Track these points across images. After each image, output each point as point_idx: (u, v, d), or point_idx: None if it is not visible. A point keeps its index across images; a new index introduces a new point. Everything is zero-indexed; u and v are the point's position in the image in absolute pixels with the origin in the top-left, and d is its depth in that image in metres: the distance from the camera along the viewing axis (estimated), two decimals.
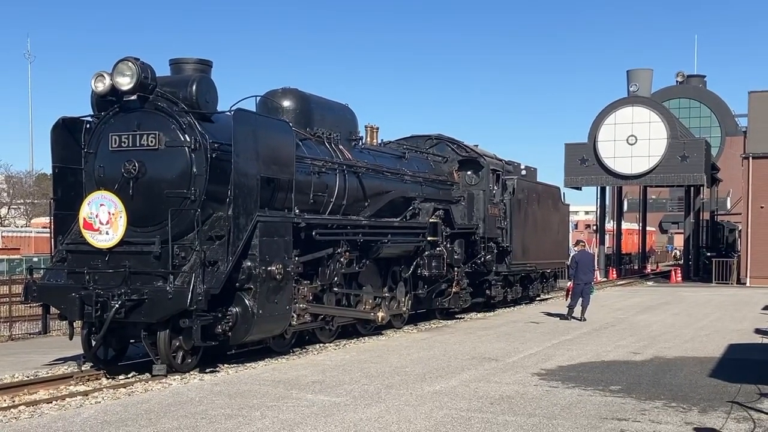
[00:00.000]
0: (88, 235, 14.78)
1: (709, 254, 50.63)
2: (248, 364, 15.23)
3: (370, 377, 13.49)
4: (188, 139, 14.63)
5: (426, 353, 16.36)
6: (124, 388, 13.43)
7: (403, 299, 21.31)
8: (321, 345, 17.77)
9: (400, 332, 20.49)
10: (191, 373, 14.48)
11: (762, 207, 43.30)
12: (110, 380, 14.36)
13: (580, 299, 23.20)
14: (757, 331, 20.79)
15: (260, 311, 14.72)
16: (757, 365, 15.09)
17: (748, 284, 43.03)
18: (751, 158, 43.77)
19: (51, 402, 12.38)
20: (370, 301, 19.55)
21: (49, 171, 19.13)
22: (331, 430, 9.93)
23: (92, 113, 15.59)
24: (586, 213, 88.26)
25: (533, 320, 23.24)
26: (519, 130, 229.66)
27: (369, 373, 13.91)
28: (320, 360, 15.60)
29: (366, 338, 19.16)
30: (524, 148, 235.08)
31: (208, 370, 14.88)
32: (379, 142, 22.38)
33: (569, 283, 24.06)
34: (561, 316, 23.61)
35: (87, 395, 12.87)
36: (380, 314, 19.54)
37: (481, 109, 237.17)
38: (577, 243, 26.31)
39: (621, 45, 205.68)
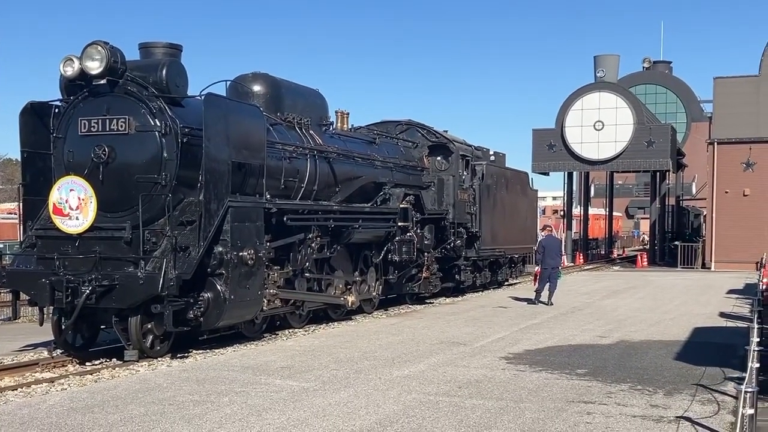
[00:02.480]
0: (57, 220, 14.70)
1: (676, 243, 50.91)
2: (216, 350, 15.19)
3: (338, 362, 13.50)
4: (159, 123, 14.60)
5: (394, 338, 16.39)
6: (91, 374, 13.35)
7: (374, 284, 21.44)
8: (290, 330, 17.74)
9: (369, 317, 20.52)
10: (163, 358, 14.46)
11: (726, 192, 43.73)
12: (77, 367, 14.28)
13: (548, 284, 23.32)
14: (722, 314, 21.08)
15: (232, 297, 14.74)
16: (721, 348, 15.26)
17: (712, 269, 43.40)
18: (716, 144, 44.17)
19: (16, 389, 12.27)
20: (341, 286, 19.62)
21: (14, 156, 18.97)
22: (299, 415, 9.91)
23: (61, 98, 15.46)
24: (554, 198, 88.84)
25: (501, 305, 23.33)
26: (488, 116, 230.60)
27: (338, 358, 13.94)
28: (289, 345, 15.56)
29: (335, 324, 19.12)
30: (493, 133, 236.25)
31: (179, 356, 14.85)
32: (350, 127, 22.42)
33: (537, 268, 24.23)
34: (528, 301, 23.81)
35: (53, 382, 12.77)
36: (350, 299, 19.52)
37: (449, 95, 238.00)
38: (544, 228, 26.51)
39: (588, 30, 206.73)
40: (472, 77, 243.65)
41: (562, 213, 59.92)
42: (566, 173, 53.26)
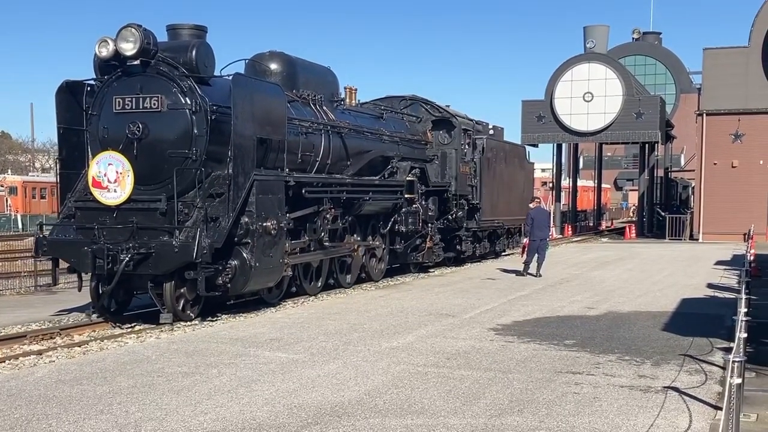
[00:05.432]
0: (96, 192, 15.59)
1: (663, 214, 51.05)
2: (205, 322, 15.58)
3: (328, 334, 13.61)
4: (189, 101, 15.46)
5: (384, 310, 16.54)
6: (79, 346, 13.54)
7: (381, 253, 22.45)
8: (280, 305, 17.72)
9: (359, 290, 20.66)
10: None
11: (715, 164, 43.84)
12: (65, 339, 14.49)
13: (536, 255, 23.49)
14: (710, 285, 21.41)
15: (257, 264, 15.69)
16: (709, 319, 15.48)
17: (700, 240, 43.79)
18: (704, 115, 44.14)
19: (4, 361, 12.33)
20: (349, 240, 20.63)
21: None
22: (288, 386, 9.97)
23: (94, 77, 16.26)
24: (543, 170, 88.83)
25: (490, 277, 23.56)
26: (476, 87, 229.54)
27: (327, 330, 14.06)
28: (278, 318, 15.70)
29: (324, 295, 19.34)
30: (482, 104, 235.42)
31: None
32: (357, 102, 23.13)
33: (525, 240, 24.49)
34: (517, 273, 23.99)
35: (41, 354, 12.88)
36: (356, 246, 20.76)
37: (438, 66, 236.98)
38: (533, 200, 26.65)
39: (578, 1, 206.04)
40: (461, 48, 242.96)
41: (550, 185, 59.27)
42: (555, 145, 53.23)
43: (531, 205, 25.06)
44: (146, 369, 10.95)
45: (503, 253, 32.00)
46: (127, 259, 14.78)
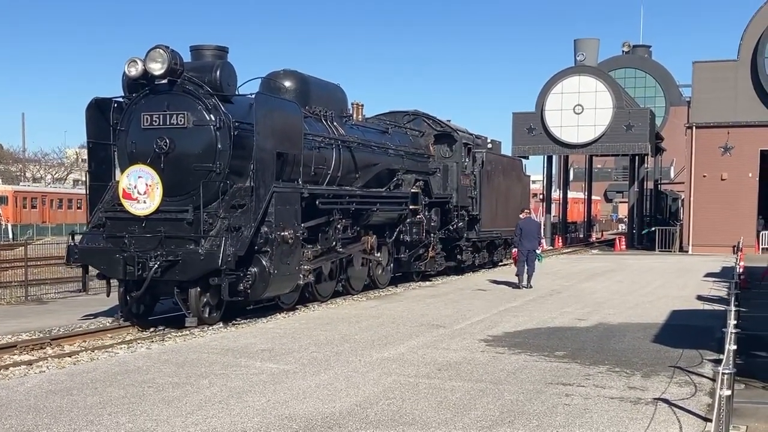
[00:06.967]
0: (127, 203, 16.48)
1: (652, 228, 50.97)
2: (196, 332, 15.75)
3: (319, 345, 13.58)
4: (213, 118, 16.39)
5: (375, 321, 16.53)
6: (69, 357, 13.62)
7: (386, 262, 23.36)
8: (271, 315, 17.91)
9: (350, 300, 20.84)
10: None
11: (704, 176, 44.27)
12: (56, 349, 14.61)
13: (526, 267, 23.32)
14: (699, 297, 21.44)
15: (275, 271, 16.62)
16: (698, 331, 15.49)
17: (690, 252, 44.16)
18: (694, 128, 44.66)
19: None
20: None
21: None
22: (279, 397, 9.93)
23: (122, 94, 17.16)
24: (533, 182, 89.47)
25: (481, 287, 23.65)
26: (467, 99, 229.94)
27: (318, 341, 14.03)
28: (269, 328, 15.76)
29: (315, 306, 19.39)
30: (472, 116, 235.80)
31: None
32: (363, 117, 23.97)
33: (515, 251, 24.83)
34: (508, 284, 24.13)
35: (31, 365, 12.92)
36: (369, 239, 21.73)
37: (428, 78, 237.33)
38: (523, 210, 26.71)
39: (569, 14, 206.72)
40: (452, 60, 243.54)
41: (541, 196, 59.36)
42: (545, 157, 53.72)
43: (521, 216, 25.18)
44: (137, 379, 10.93)
45: (500, 263, 32.60)
46: (155, 266, 15.67)
